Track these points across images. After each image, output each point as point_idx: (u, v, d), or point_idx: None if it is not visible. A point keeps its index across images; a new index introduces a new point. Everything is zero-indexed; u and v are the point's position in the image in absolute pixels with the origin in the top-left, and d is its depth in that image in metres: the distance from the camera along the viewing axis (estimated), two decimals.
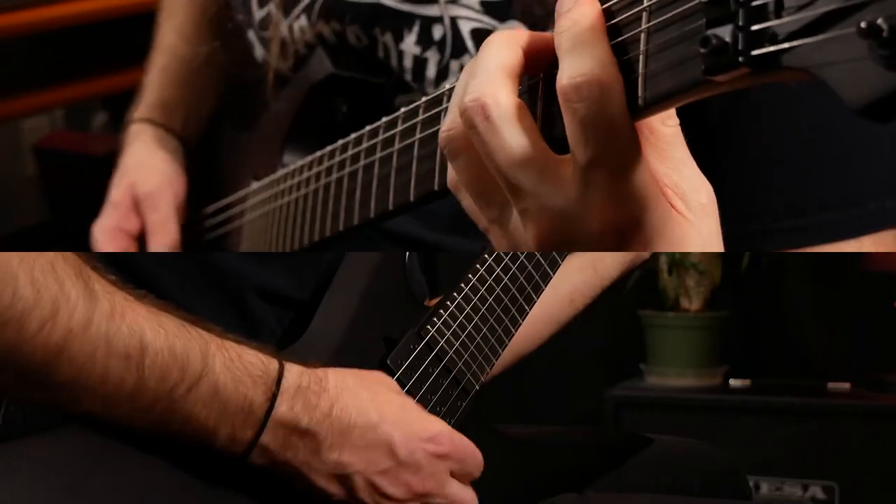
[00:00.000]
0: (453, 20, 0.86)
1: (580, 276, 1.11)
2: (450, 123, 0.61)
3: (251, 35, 1.06)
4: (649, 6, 0.54)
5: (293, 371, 0.73)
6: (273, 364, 0.72)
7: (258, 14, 1.04)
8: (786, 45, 0.46)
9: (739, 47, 0.48)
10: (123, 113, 1.25)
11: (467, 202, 0.64)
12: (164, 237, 1.13)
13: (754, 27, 0.48)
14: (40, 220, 2.20)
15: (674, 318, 2.05)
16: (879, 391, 1.98)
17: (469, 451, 0.78)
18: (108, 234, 1.14)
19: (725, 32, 0.49)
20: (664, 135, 0.59)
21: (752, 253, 1.96)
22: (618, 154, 0.56)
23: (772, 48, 0.47)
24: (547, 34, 0.60)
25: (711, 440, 1.18)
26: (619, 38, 0.56)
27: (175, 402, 0.69)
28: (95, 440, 0.70)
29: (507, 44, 0.60)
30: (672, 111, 0.59)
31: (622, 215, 0.57)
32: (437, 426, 0.77)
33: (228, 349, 0.71)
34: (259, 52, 1.06)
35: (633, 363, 2.11)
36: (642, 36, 0.55)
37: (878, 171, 0.82)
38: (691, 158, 0.61)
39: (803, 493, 1.89)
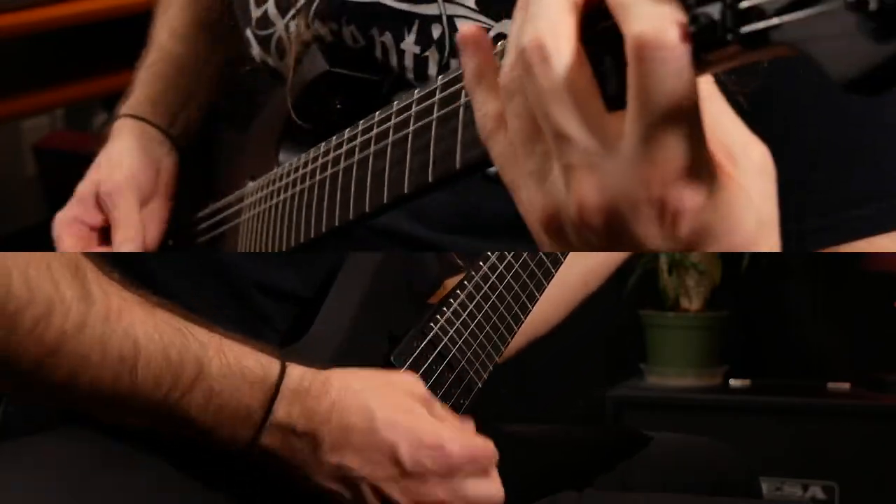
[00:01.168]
0: (450, 19, 0.87)
1: (594, 256, 1.10)
2: (508, 66, 0.57)
3: (248, 33, 1.06)
4: None
5: (294, 374, 0.72)
6: (273, 367, 0.72)
7: (255, 13, 1.04)
8: (774, 21, 0.46)
9: (728, 24, 0.48)
10: None
11: (501, 149, 0.59)
12: (125, 231, 1.12)
13: (742, 4, 0.48)
14: (40, 220, 2.19)
15: (674, 318, 2.05)
16: (879, 391, 1.98)
17: (480, 449, 0.76)
18: (65, 224, 1.14)
19: (714, 10, 0.49)
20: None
21: (752, 253, 1.96)
22: (678, 115, 0.50)
23: (760, 24, 0.47)
24: None
25: (713, 440, 1.18)
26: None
27: (170, 405, 0.69)
28: (98, 439, 0.70)
29: None
30: None
31: (670, 180, 0.51)
32: (446, 433, 0.74)
33: (227, 353, 0.71)
34: (256, 50, 1.06)
35: (633, 363, 2.11)
36: None
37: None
38: (732, 112, 0.55)
39: (803, 493, 1.89)
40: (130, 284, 0.70)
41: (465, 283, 0.86)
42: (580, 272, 1.08)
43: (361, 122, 0.82)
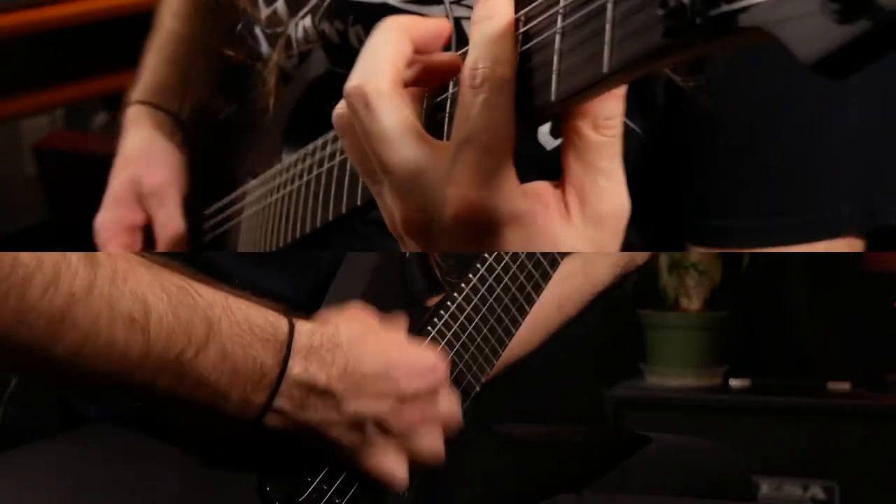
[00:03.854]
0: (457, 21, 0.87)
1: (570, 281, 1.10)
2: (339, 104, 0.65)
3: (258, 31, 1.07)
4: None
5: (304, 330, 0.73)
6: (283, 324, 0.72)
7: (265, 11, 1.04)
8: (741, 4, 0.47)
9: (697, 8, 0.48)
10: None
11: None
12: (172, 231, 1.13)
13: None
14: (40, 220, 2.20)
15: (674, 318, 2.06)
16: (879, 391, 1.98)
17: (447, 366, 0.79)
18: (110, 229, 1.14)
19: None
20: (591, 142, 0.60)
21: (752, 253, 1.96)
22: (491, 139, 0.58)
23: (728, 8, 0.47)
24: (437, 20, 0.65)
25: (711, 440, 1.18)
26: (537, 39, 0.59)
27: (184, 366, 0.68)
28: (101, 443, 0.70)
29: (395, 30, 0.63)
30: (616, 120, 0.60)
31: (480, 201, 0.58)
32: (430, 358, 0.78)
33: (235, 312, 0.70)
34: (265, 48, 1.06)
35: (633, 363, 2.11)
36: (556, 36, 0.57)
37: (835, 177, 0.83)
38: (618, 170, 0.61)
39: (803, 493, 1.89)
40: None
41: (462, 285, 0.86)
42: (556, 297, 1.08)
43: None
